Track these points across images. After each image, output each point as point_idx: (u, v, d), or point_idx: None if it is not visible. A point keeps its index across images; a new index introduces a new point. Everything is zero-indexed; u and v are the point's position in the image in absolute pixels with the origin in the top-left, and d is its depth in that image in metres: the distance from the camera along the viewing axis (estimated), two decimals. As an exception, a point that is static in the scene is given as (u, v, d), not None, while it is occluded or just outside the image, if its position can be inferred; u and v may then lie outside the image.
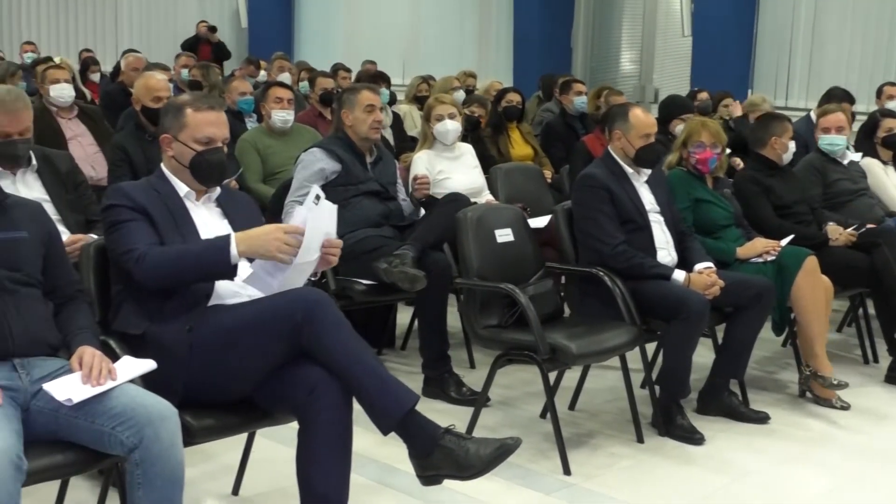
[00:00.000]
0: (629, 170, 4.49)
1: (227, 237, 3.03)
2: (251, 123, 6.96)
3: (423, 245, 4.48)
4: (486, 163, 6.10)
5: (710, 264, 4.41)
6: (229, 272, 3.03)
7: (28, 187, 3.97)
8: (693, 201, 4.77)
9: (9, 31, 14.96)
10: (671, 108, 6.45)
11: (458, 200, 4.66)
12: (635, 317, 4.21)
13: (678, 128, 5.63)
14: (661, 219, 4.50)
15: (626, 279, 4.26)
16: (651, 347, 4.59)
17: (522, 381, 4.94)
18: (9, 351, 2.77)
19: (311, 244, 3.03)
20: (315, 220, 3.03)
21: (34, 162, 4.02)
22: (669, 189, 4.68)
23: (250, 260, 3.08)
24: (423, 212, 4.98)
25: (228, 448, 3.62)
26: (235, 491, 3.70)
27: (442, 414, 3.01)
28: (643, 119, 4.48)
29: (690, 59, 11.36)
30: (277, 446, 3.75)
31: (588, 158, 5.99)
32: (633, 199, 4.43)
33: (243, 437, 3.57)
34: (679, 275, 4.30)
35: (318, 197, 3.05)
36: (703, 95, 8.54)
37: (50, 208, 3.83)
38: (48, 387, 2.71)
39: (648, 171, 4.53)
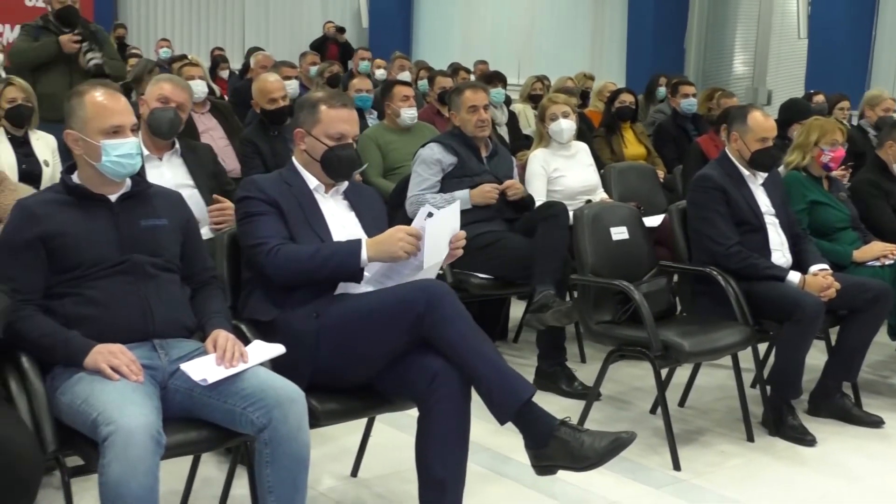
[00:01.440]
0: (745, 172, 4.40)
1: (359, 242, 3.08)
2: (371, 120, 7.03)
3: (554, 278, 4.43)
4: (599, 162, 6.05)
5: (826, 266, 4.30)
6: (357, 276, 3.09)
7: (173, 171, 4.11)
8: (809, 204, 4.67)
9: (145, 29, 15.41)
10: (792, 112, 6.29)
11: (557, 216, 4.56)
12: (748, 317, 4.13)
13: (796, 132, 5.49)
14: (777, 221, 4.40)
15: (740, 279, 4.18)
16: (762, 347, 4.49)
17: (631, 377, 4.90)
18: (149, 332, 2.85)
19: (434, 247, 3.08)
20: (434, 226, 3.07)
21: (177, 146, 4.16)
22: (785, 191, 4.58)
23: None
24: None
25: (349, 431, 3.68)
26: (354, 473, 3.75)
27: (552, 406, 2.99)
28: (762, 123, 4.38)
29: (805, 61, 11.06)
30: (395, 432, 3.80)
31: (702, 159, 5.91)
32: (748, 200, 4.35)
33: (363, 421, 3.61)
34: (794, 276, 4.20)
35: (430, 214, 3.08)
36: (819, 98, 8.31)
37: (194, 193, 3.98)
38: (185, 367, 2.78)
39: (765, 174, 4.44)
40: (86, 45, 6.22)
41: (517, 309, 5.71)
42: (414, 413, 3.09)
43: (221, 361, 2.79)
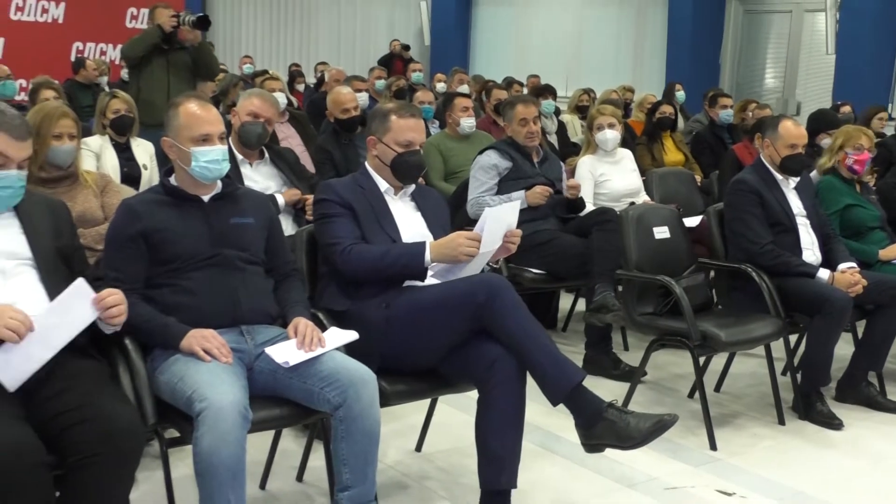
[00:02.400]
0: (779, 176, 4.34)
1: (423, 245, 3.10)
2: (434, 129, 7.03)
3: (611, 279, 4.40)
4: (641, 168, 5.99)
5: (854, 264, 4.22)
6: (421, 276, 3.11)
7: (262, 175, 4.15)
8: (842, 206, 4.59)
9: (230, 46, 15.59)
10: (820, 122, 6.17)
11: (609, 221, 4.51)
12: (780, 310, 4.07)
13: (824, 141, 5.40)
14: (808, 222, 4.33)
15: (773, 276, 4.12)
16: (793, 337, 4.42)
17: (671, 364, 4.85)
18: (238, 319, 2.88)
19: (490, 237, 3.08)
20: (493, 218, 3.08)
21: (266, 155, 4.21)
22: (816, 194, 4.51)
23: None
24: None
25: (414, 410, 3.68)
26: (419, 448, 3.76)
27: (599, 390, 2.97)
28: (792, 131, 4.31)
29: (833, 74, 10.87)
30: (456, 412, 3.80)
31: (737, 165, 5.85)
32: (781, 203, 4.28)
33: (427, 401, 3.62)
34: (824, 273, 4.13)
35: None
36: (846, 109, 8.16)
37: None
38: (269, 351, 2.80)
39: (796, 178, 4.37)
40: (184, 15, 6.32)
41: (566, 301, 5.70)
42: (473, 395, 3.08)
43: (301, 346, 2.81)
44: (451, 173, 5.81)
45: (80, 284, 2.48)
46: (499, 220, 3.11)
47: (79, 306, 2.49)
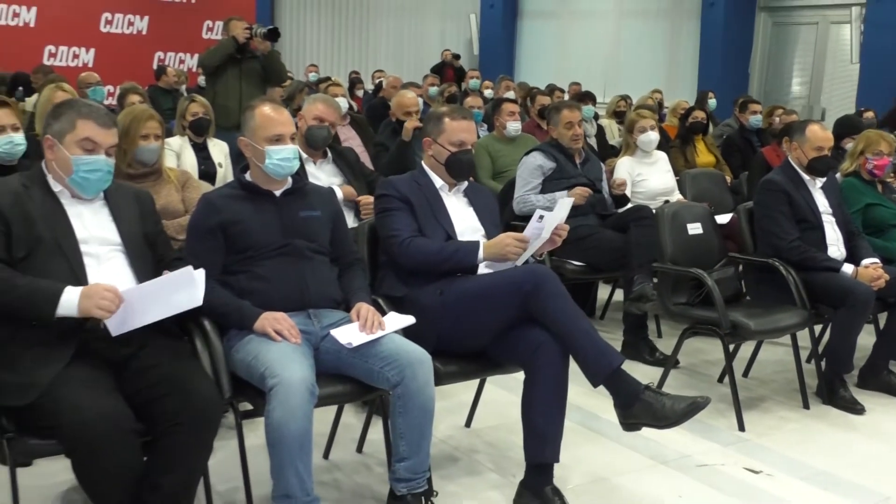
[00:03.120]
0: (806, 177, 4.26)
1: (477, 244, 3.12)
2: (482, 132, 7.01)
3: (648, 271, 4.36)
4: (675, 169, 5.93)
5: (877, 260, 4.14)
6: (473, 270, 3.12)
7: (326, 173, 4.18)
8: (864, 205, 4.51)
9: (296, 56, 15.68)
10: (844, 127, 6.04)
11: (646, 218, 4.48)
12: (806, 302, 4.01)
13: (848, 144, 5.30)
14: (833, 220, 4.25)
15: (799, 270, 4.05)
16: (817, 327, 4.34)
17: (702, 350, 4.80)
18: (306, 303, 2.90)
19: (539, 238, 3.10)
20: (543, 224, 3.09)
21: (329, 154, 4.24)
22: (841, 194, 4.43)
23: None
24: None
25: (464, 389, 3.69)
26: (468, 424, 3.77)
27: (635, 373, 2.95)
28: (819, 134, 4.24)
29: (857, 82, 10.66)
30: (503, 391, 3.80)
31: (765, 167, 5.76)
32: (808, 202, 4.21)
33: (476, 382, 3.62)
34: (848, 268, 4.05)
35: (540, 217, 3.09)
36: (870, 115, 8.00)
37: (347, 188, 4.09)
38: (334, 332, 2.82)
39: (823, 179, 4.30)
40: (255, 28, 6.39)
41: (604, 291, 5.66)
42: (518, 376, 3.08)
43: (363, 329, 2.82)
44: (499, 172, 5.80)
45: (196, 273, 2.51)
46: (550, 223, 3.11)
47: (186, 291, 2.52)
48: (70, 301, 2.38)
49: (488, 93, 10.58)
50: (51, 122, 2.62)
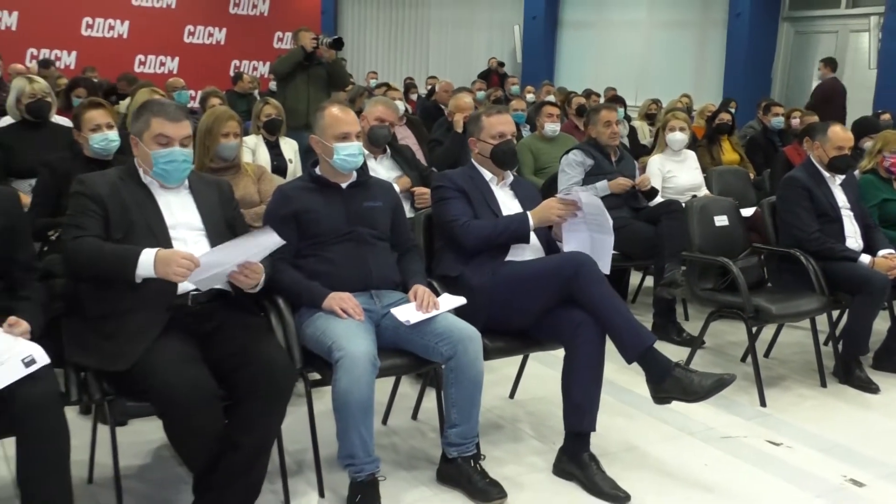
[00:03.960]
0: (826, 174, 4.17)
1: (526, 214, 3.10)
2: (525, 132, 6.97)
3: (677, 260, 4.31)
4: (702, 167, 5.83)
5: (892, 251, 4.03)
6: (526, 237, 3.10)
7: (385, 167, 4.19)
8: (881, 200, 4.40)
9: (358, 64, 15.74)
10: (863, 127, 5.90)
11: (676, 211, 4.43)
12: (825, 289, 3.92)
13: (866, 144, 5.17)
14: (851, 214, 4.15)
15: (819, 259, 3.97)
16: (835, 313, 4.25)
17: (725, 332, 4.73)
18: (368, 284, 2.91)
19: (592, 215, 3.11)
20: (589, 201, 3.10)
21: (388, 151, 4.25)
22: (859, 190, 4.32)
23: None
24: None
25: (508, 364, 3.67)
26: (512, 395, 3.77)
27: (663, 352, 2.93)
28: (840, 135, 4.14)
29: (874, 87, 10.38)
30: (544, 367, 3.78)
31: (787, 165, 5.65)
32: (828, 197, 4.12)
33: (519, 357, 3.62)
34: (865, 258, 3.96)
35: (582, 190, 3.07)
36: (886, 116, 7.78)
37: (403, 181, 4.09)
38: (394, 311, 2.84)
39: (842, 176, 4.20)
40: (322, 38, 6.43)
41: (635, 277, 5.60)
42: (558, 353, 3.06)
43: (420, 308, 2.83)
44: (540, 169, 5.77)
45: (275, 239, 2.51)
46: (592, 206, 3.11)
47: (265, 246, 2.53)
48: (147, 262, 2.38)
49: (530, 97, 10.54)
50: (133, 123, 2.66)
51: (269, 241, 2.52)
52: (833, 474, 3.12)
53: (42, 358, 2.21)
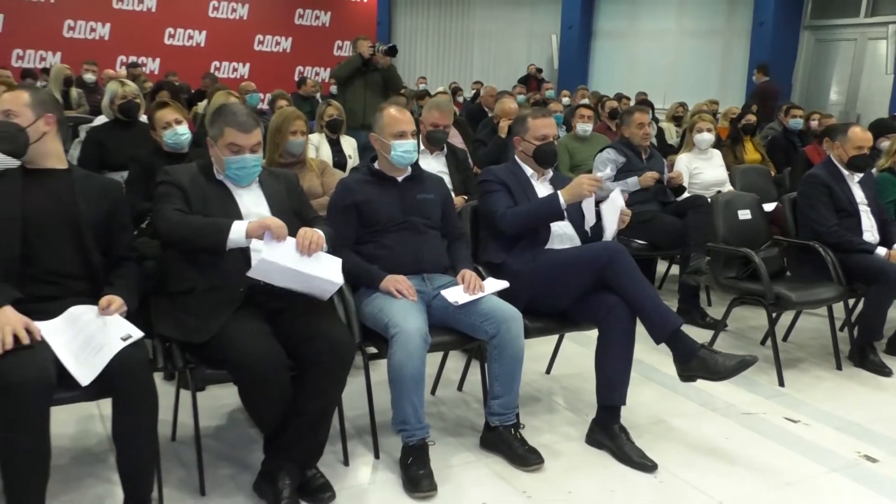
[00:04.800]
0: (845, 172, 4.06)
1: (556, 194, 3.07)
2: (561, 132, 6.90)
3: (702, 250, 4.23)
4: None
5: (907, 244, 3.93)
6: (560, 215, 3.07)
7: (439, 164, 4.19)
8: (895, 196, 4.27)
9: (409, 70, 15.75)
10: (879, 128, 5.69)
11: (702, 205, 4.35)
12: (842, 279, 3.83)
13: (883, 144, 5.01)
14: (868, 209, 4.04)
15: (837, 251, 3.87)
16: (850, 301, 4.15)
17: (746, 318, 4.64)
18: (421, 268, 2.92)
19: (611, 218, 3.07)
20: (612, 202, 3.08)
21: (444, 150, 4.25)
22: (876, 187, 4.19)
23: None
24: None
25: (545, 343, 3.66)
26: (548, 371, 3.75)
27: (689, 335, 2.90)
28: (860, 135, 4.03)
29: (891, 91, 10.07)
30: (578, 346, 3.77)
31: (807, 163, 5.52)
32: (846, 193, 4.01)
33: (555, 337, 3.60)
34: (881, 250, 3.85)
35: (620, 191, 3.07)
36: (902, 118, 7.55)
37: (449, 180, 4.07)
38: (444, 292, 2.84)
39: (861, 174, 4.08)
40: (378, 46, 6.44)
41: (661, 266, 5.53)
42: (590, 334, 3.04)
43: (467, 290, 2.83)
44: (576, 166, 5.70)
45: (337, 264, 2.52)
46: (614, 202, 3.08)
47: (329, 274, 2.50)
48: (238, 230, 2.41)
49: (566, 100, 10.43)
50: (210, 127, 2.66)
51: (332, 268, 2.51)
52: (848, 450, 3.05)
53: (136, 333, 2.26)
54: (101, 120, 4.77)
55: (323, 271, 2.50)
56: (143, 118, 4.72)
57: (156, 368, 2.41)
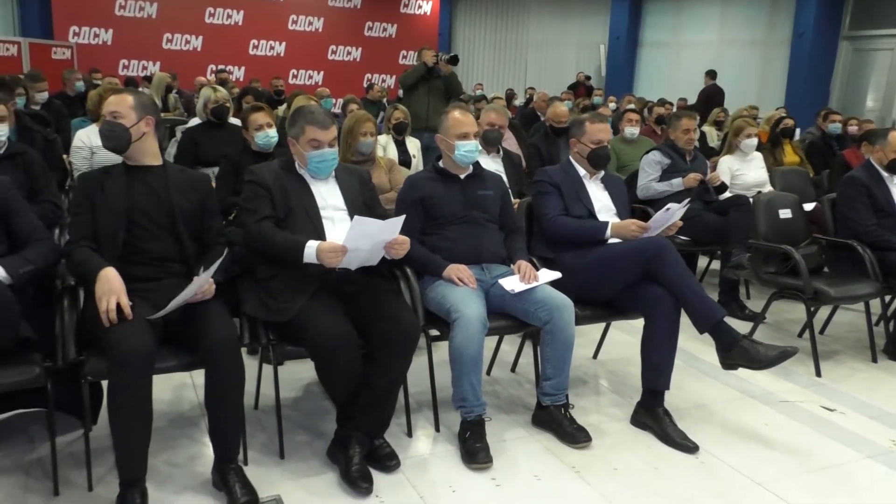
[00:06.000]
0: (885, 174, 3.88)
1: (606, 224, 3.02)
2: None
3: (743, 246, 4.11)
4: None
5: (945, 244, 3.72)
6: (601, 243, 3.03)
7: (496, 165, 4.15)
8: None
9: (468, 77, 15.69)
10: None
11: (744, 204, 4.22)
12: (879, 276, 3.65)
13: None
14: (906, 210, 3.85)
15: (874, 249, 3.69)
16: (887, 297, 3.97)
17: (783, 311, 4.49)
18: (480, 259, 2.89)
19: (663, 224, 3.02)
20: (669, 214, 3.00)
21: (501, 153, 4.21)
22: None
23: None
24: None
25: (593, 330, 3.61)
26: (595, 356, 3.69)
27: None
28: (899, 139, 3.84)
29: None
30: (623, 334, 3.71)
31: (845, 166, 5.29)
32: (885, 195, 3.83)
33: (602, 324, 3.54)
34: (919, 249, 3.67)
35: (667, 209, 2.97)
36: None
37: (505, 180, 4.02)
38: (501, 281, 2.81)
39: (900, 175, 3.90)
40: (440, 55, 6.42)
41: (702, 261, 5.39)
42: (635, 323, 2.98)
43: (522, 279, 2.80)
44: (622, 166, 5.58)
45: (399, 220, 2.51)
46: (673, 214, 3.01)
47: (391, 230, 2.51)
48: (310, 253, 2.45)
49: (612, 105, 10.25)
50: (290, 127, 2.69)
51: (396, 222, 2.51)
52: (882, 438, 2.92)
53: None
54: (195, 121, 4.88)
55: (388, 234, 2.49)
56: (232, 120, 4.82)
57: (242, 344, 2.45)
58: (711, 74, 11.30)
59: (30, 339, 2.26)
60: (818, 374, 3.52)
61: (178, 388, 3.13)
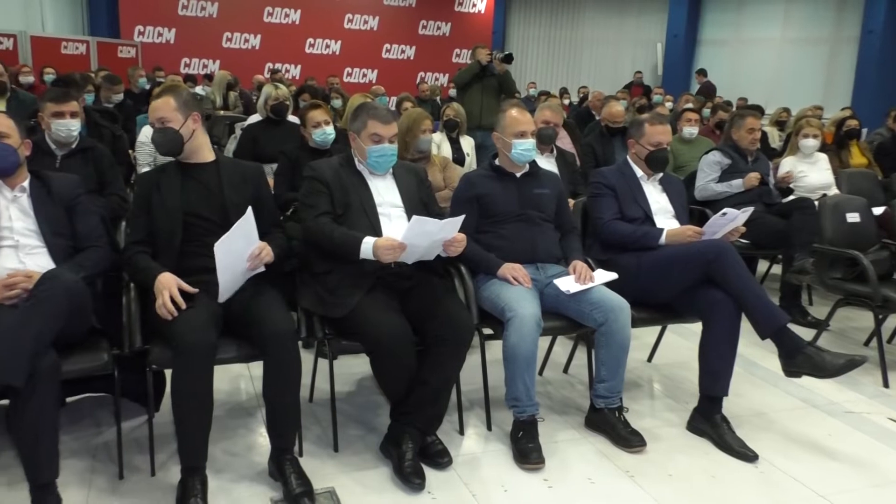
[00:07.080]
0: (961, 177, 3.70)
1: (661, 231, 2.96)
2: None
3: (807, 250, 3.98)
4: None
5: None
6: (654, 248, 2.95)
7: (549, 164, 4.11)
8: None
9: (521, 75, 15.61)
10: None
11: (808, 207, 4.09)
12: (954, 284, 3.50)
13: None
14: (985, 214, 3.67)
15: (949, 256, 3.54)
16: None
17: (847, 318, 4.33)
18: (535, 258, 2.87)
19: (721, 228, 2.94)
20: (726, 219, 2.93)
21: (554, 150, 4.18)
22: None
23: None
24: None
25: (649, 333, 3.55)
26: (649, 359, 3.63)
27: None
28: (979, 140, 3.65)
29: None
30: (679, 338, 3.63)
31: (918, 168, 5.07)
32: (962, 198, 3.66)
33: (658, 327, 3.47)
34: None
35: (723, 213, 2.90)
36: None
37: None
38: (556, 281, 2.78)
39: (978, 179, 3.71)
40: (495, 53, 6.39)
41: (762, 265, 5.24)
42: (692, 327, 2.91)
43: (578, 280, 2.76)
44: (679, 167, 5.47)
45: (458, 219, 2.51)
46: (732, 220, 2.94)
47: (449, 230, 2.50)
48: (367, 249, 2.47)
49: (668, 105, 10.06)
50: (351, 122, 2.72)
51: (455, 221, 2.53)
52: (955, 455, 2.79)
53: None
54: (254, 118, 4.98)
55: (447, 233, 2.51)
56: (291, 118, 4.90)
57: (298, 338, 2.48)
58: (701, 72, 11.87)
59: (98, 329, 2.34)
60: (885, 384, 3.39)
61: (235, 379, 3.20)
